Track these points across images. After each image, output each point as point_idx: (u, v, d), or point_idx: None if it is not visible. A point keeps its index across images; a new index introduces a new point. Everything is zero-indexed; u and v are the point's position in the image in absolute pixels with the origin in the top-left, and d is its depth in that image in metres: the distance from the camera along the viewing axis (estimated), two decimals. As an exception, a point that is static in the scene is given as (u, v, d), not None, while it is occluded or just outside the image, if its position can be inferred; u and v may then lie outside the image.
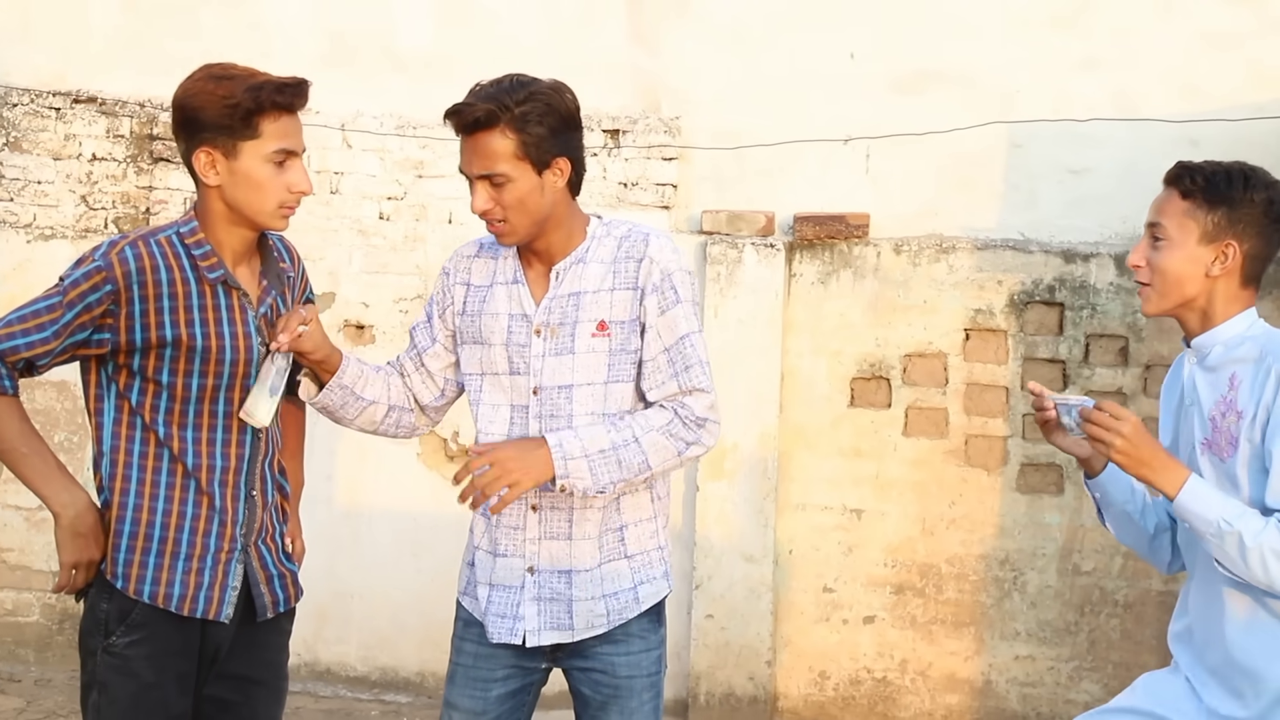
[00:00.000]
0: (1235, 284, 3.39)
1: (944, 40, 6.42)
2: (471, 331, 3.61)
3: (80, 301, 3.29)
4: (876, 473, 6.45)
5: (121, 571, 3.39)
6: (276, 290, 3.58)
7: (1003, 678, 6.39)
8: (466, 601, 3.70)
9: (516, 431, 3.55)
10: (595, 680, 3.62)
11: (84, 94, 6.91)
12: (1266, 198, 3.37)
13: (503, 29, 6.67)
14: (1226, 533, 3.21)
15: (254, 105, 3.32)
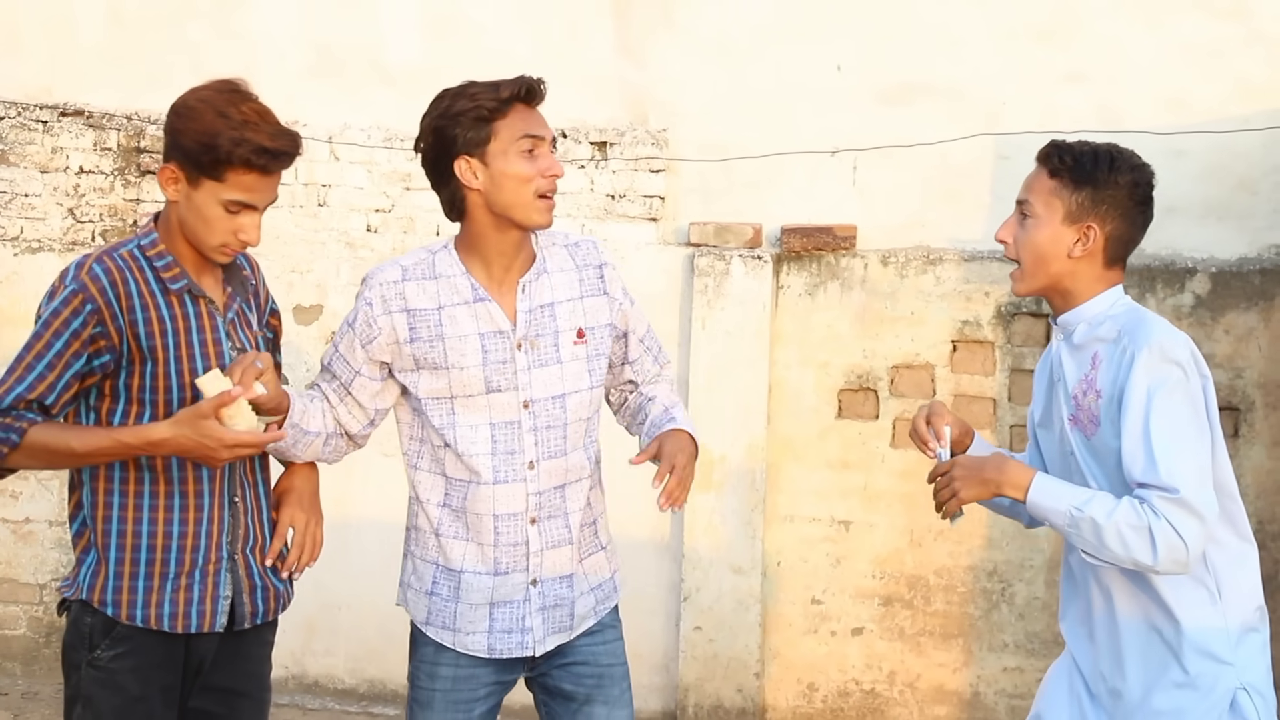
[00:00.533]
0: (1099, 265, 3.43)
1: (931, 53, 6.44)
2: (432, 357, 3.53)
3: (66, 329, 3.27)
4: (864, 484, 6.46)
5: (111, 599, 3.38)
6: (241, 297, 3.56)
7: (991, 689, 6.40)
8: (437, 634, 3.64)
9: (502, 449, 3.53)
10: (578, 674, 3.66)
11: (71, 107, 6.91)
12: (1131, 180, 3.41)
13: (490, 41, 6.68)
14: (1079, 519, 3.26)
15: (226, 157, 3.28)
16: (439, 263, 3.56)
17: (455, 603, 3.60)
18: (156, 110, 6.82)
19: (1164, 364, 3.26)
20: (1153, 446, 3.23)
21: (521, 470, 3.55)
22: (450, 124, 3.47)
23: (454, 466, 3.57)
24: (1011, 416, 6.31)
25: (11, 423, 3.26)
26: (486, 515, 3.55)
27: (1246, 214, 6.19)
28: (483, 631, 3.59)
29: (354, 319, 3.55)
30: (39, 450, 3.28)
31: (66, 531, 6.89)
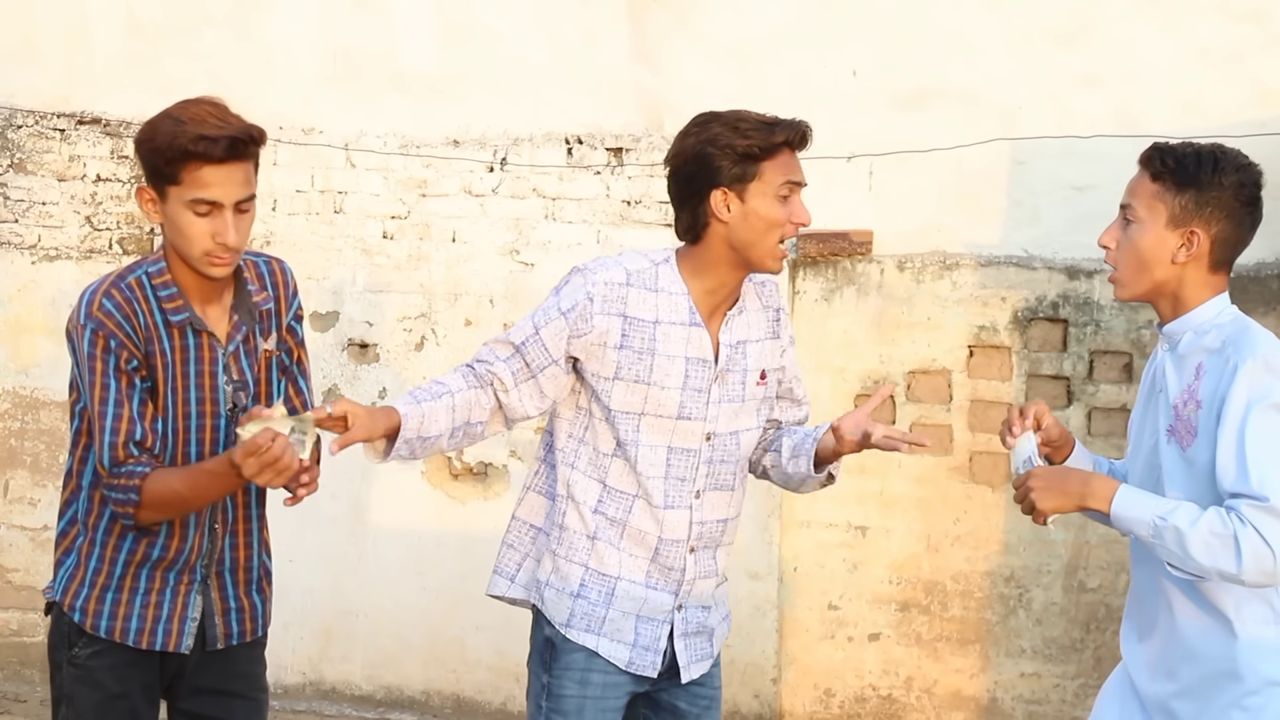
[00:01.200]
0: (1204, 269, 3.36)
1: (946, 57, 6.43)
2: (637, 369, 3.48)
3: (108, 366, 3.28)
4: (881, 489, 6.45)
5: (80, 606, 3.42)
6: (248, 325, 3.50)
7: (1008, 695, 6.38)
8: (579, 636, 3.58)
9: (674, 474, 3.53)
10: (694, 694, 3.69)
11: (88, 115, 6.94)
12: (1237, 180, 3.36)
13: (506, 48, 6.69)
14: (1163, 528, 3.21)
15: (170, 152, 3.25)
16: (661, 276, 3.52)
17: (606, 608, 3.56)
18: (173, 118, 6.83)
19: (1267, 375, 3.21)
20: (1246, 456, 3.18)
21: (688, 498, 3.56)
22: (718, 153, 3.45)
23: (619, 478, 3.55)
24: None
25: (125, 482, 3.27)
26: (651, 535, 3.56)
27: (1265, 219, 6.14)
28: (627, 643, 3.57)
29: (569, 309, 3.47)
30: (158, 503, 3.29)
31: (84, 538, 6.92)
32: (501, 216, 6.64)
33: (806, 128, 3.51)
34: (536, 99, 6.65)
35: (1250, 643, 3.29)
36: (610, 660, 3.56)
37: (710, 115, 3.54)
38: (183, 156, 3.24)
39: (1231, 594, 3.29)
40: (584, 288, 3.47)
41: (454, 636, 6.73)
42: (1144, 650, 3.49)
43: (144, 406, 3.31)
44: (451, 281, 6.67)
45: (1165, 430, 3.39)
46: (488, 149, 6.64)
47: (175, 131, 3.25)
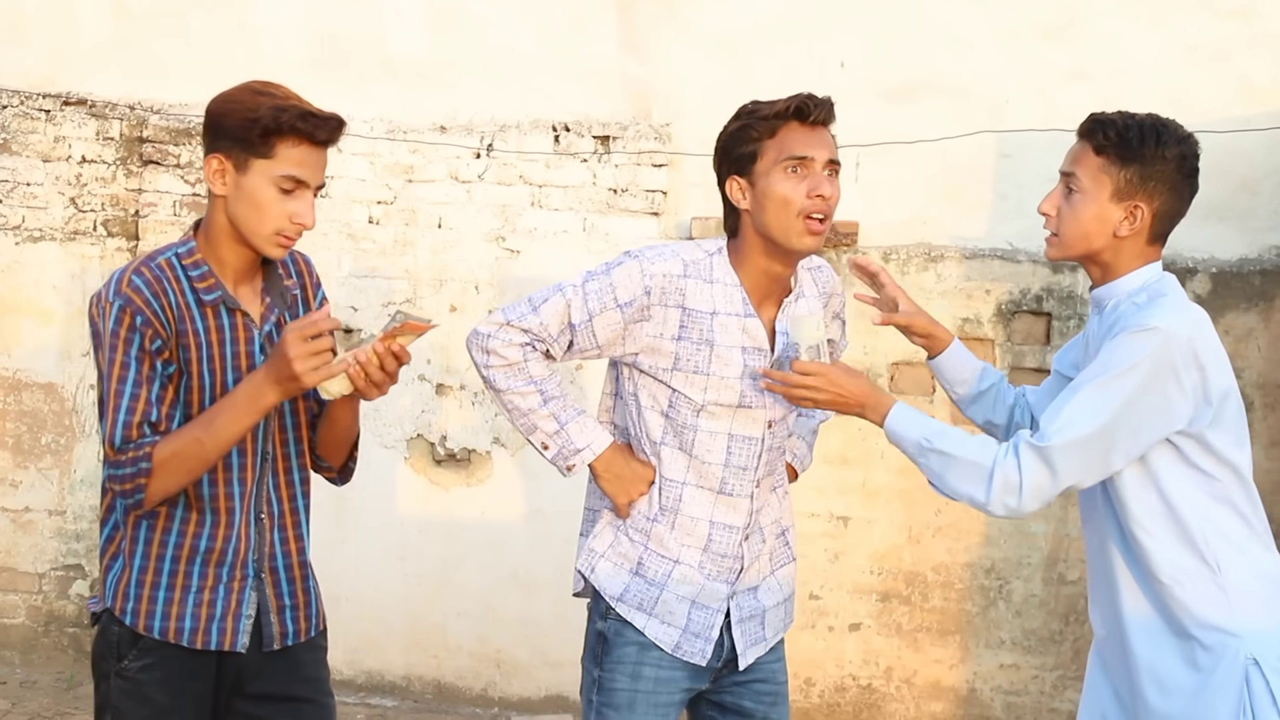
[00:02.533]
0: (1142, 241, 3.39)
1: (934, 50, 6.44)
2: (696, 360, 3.45)
3: (131, 346, 3.19)
4: (864, 481, 6.47)
5: (131, 608, 3.30)
6: (280, 308, 3.44)
7: (987, 686, 6.41)
8: (629, 612, 3.55)
9: (735, 462, 3.51)
10: (758, 691, 3.63)
11: (74, 96, 6.91)
12: (1179, 153, 3.36)
13: (494, 36, 6.69)
14: (928, 450, 3.30)
15: (273, 125, 3.19)
16: (715, 266, 3.48)
17: (661, 589, 3.53)
18: (159, 100, 6.83)
19: (1140, 332, 3.23)
20: (1066, 393, 3.26)
21: (749, 487, 3.53)
22: (728, 142, 3.46)
23: (670, 466, 3.52)
24: (1011, 414, 6.32)
25: (133, 455, 3.17)
26: (703, 521, 3.52)
27: (1247, 214, 6.20)
28: (678, 627, 3.53)
29: (627, 303, 3.43)
30: (172, 462, 3.18)
31: (65, 521, 6.91)
32: (488, 203, 6.64)
33: (806, 99, 3.44)
34: (524, 86, 6.65)
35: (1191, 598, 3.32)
36: (657, 642, 3.52)
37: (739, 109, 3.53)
38: (289, 131, 3.21)
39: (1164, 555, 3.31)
40: (642, 281, 3.43)
41: (435, 622, 6.74)
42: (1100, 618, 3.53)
43: (163, 391, 3.22)
44: (437, 267, 6.67)
45: None
46: (475, 135, 6.64)
47: (281, 106, 3.21)
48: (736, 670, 3.61)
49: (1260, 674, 3.28)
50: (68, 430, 6.92)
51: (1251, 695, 3.28)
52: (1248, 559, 3.36)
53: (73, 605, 6.96)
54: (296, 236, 3.31)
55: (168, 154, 6.74)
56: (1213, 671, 3.30)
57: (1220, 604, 3.32)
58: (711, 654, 3.56)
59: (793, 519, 3.74)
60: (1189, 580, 3.33)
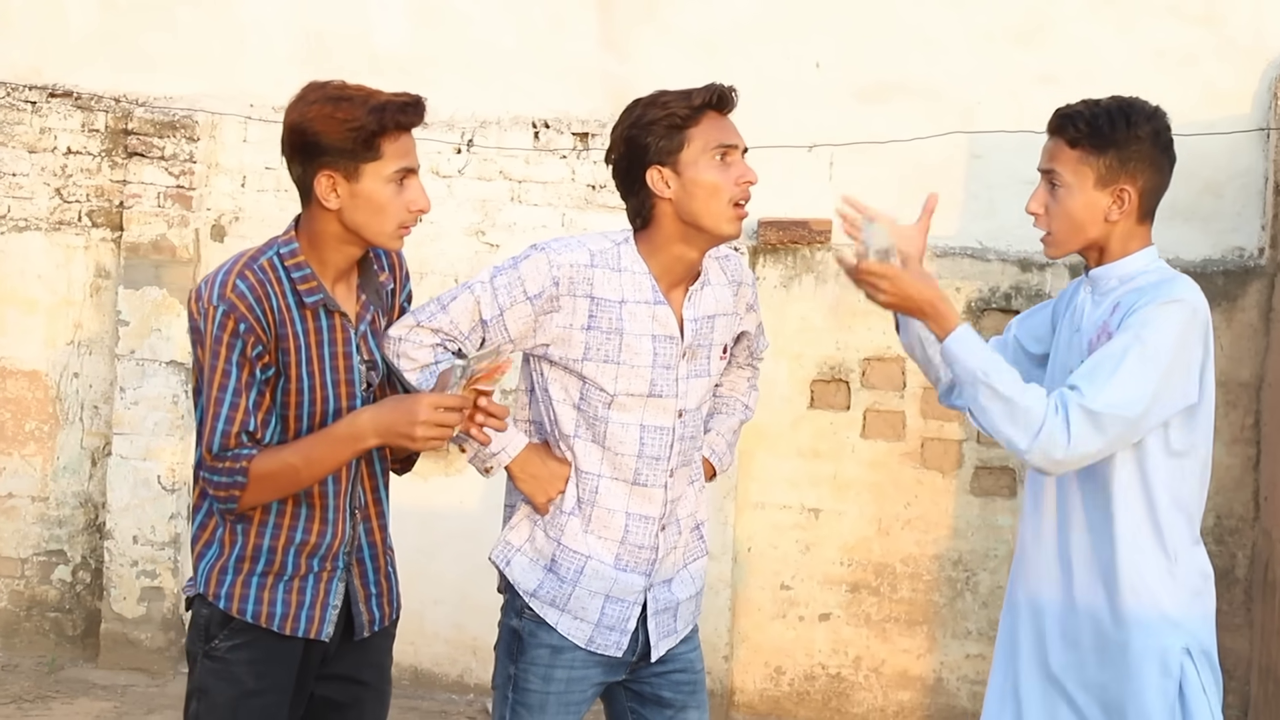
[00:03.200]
0: (1133, 221, 3.42)
1: (907, 52, 6.56)
2: (606, 349, 3.46)
3: (233, 353, 3.21)
4: (834, 473, 6.59)
5: (225, 592, 3.32)
6: (375, 306, 3.47)
7: (954, 675, 6.53)
8: (542, 609, 3.56)
9: (648, 453, 3.52)
10: (676, 681, 3.66)
11: (60, 88, 6.99)
12: (1151, 129, 3.41)
13: (476, 33, 6.79)
14: (982, 382, 3.28)
15: (377, 127, 3.22)
16: (623, 255, 3.49)
17: (575, 586, 3.53)
18: (145, 93, 6.90)
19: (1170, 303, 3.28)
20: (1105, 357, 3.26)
21: (663, 477, 3.55)
22: (642, 133, 3.44)
23: (584, 459, 3.53)
24: (979, 410, 6.44)
25: (231, 465, 3.21)
26: (619, 513, 3.54)
27: (1211, 216, 6.33)
28: (590, 622, 3.54)
29: (535, 295, 3.44)
30: (266, 481, 3.23)
31: (48, 507, 6.99)
32: (468, 198, 6.73)
33: (725, 89, 3.48)
34: (505, 83, 6.75)
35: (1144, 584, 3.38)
36: (569, 638, 3.53)
37: (633, 102, 3.51)
38: (391, 128, 3.25)
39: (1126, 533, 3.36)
40: (550, 272, 3.44)
41: (412, 610, 6.76)
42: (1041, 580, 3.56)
43: (261, 398, 3.25)
44: (418, 260, 6.75)
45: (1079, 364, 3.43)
46: (456, 131, 6.73)
47: (376, 106, 3.23)
48: (651, 661, 3.64)
49: (1193, 664, 3.37)
50: (51, 417, 7.00)
51: (1185, 683, 3.36)
52: (1195, 552, 3.44)
53: (54, 590, 7.04)
54: (416, 221, 3.34)
55: (152, 146, 6.82)
56: (1149, 657, 3.37)
57: (1170, 593, 3.39)
58: (627, 646, 3.58)
59: (708, 514, 3.76)
60: (1146, 565, 3.38)
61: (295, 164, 3.31)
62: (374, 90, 3.28)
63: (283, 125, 3.34)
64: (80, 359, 6.98)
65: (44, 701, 6.39)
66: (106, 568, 6.81)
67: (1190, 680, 3.37)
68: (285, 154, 3.33)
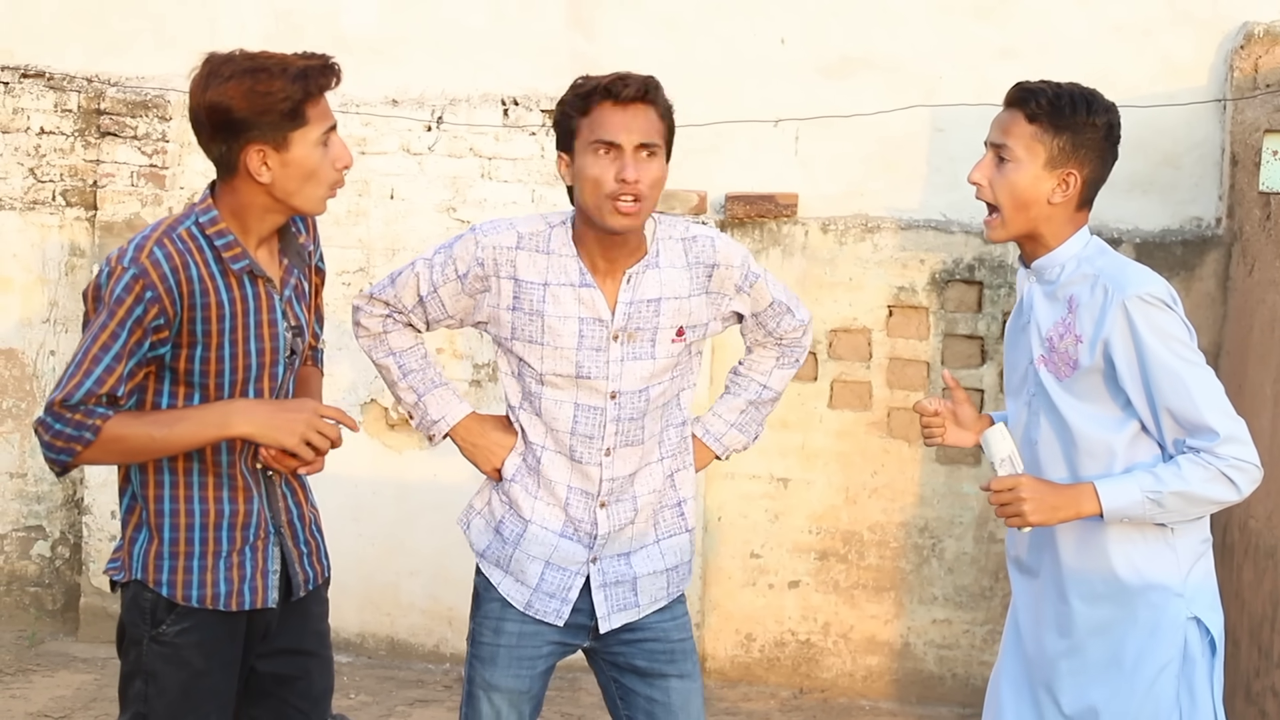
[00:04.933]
0: (1071, 208, 3.46)
1: (871, 27, 6.64)
2: (529, 330, 3.52)
3: (129, 317, 3.16)
4: (803, 443, 6.69)
5: (166, 579, 3.33)
6: (298, 269, 3.47)
7: (920, 640, 6.65)
8: (488, 569, 3.66)
9: (581, 430, 3.55)
10: (650, 650, 3.69)
11: (32, 69, 7.02)
12: (1107, 121, 3.43)
13: (445, 12, 6.85)
14: (1161, 498, 3.32)
15: (303, 95, 3.23)
16: (554, 239, 3.51)
17: (515, 548, 3.61)
18: (117, 73, 6.95)
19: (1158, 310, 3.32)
20: (1191, 391, 3.31)
21: (598, 455, 3.57)
22: (557, 118, 3.49)
23: (530, 428, 3.60)
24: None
25: (84, 419, 3.15)
26: (561, 484, 3.60)
27: (1170, 187, 6.44)
28: (529, 586, 3.61)
29: (464, 274, 3.54)
30: (115, 443, 3.19)
31: (26, 484, 7.05)
32: (439, 174, 6.79)
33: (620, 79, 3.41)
34: (474, 61, 6.81)
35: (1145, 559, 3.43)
36: (509, 599, 3.61)
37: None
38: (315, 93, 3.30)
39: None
40: (475, 253, 3.52)
41: (389, 581, 6.92)
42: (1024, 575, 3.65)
43: (137, 369, 3.20)
44: (390, 237, 6.83)
45: (1037, 358, 3.49)
46: (425, 109, 6.79)
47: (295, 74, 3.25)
48: (614, 630, 3.68)
49: (1198, 631, 3.42)
50: (28, 395, 7.06)
51: (1188, 651, 3.41)
52: (1196, 522, 3.47)
53: (34, 565, 7.11)
54: (341, 177, 3.37)
55: (125, 126, 6.86)
56: (1155, 628, 3.41)
57: (1169, 563, 3.43)
58: (569, 614, 3.63)
59: (692, 492, 3.76)
60: (1142, 537, 3.42)
61: (217, 142, 3.26)
62: (282, 55, 3.27)
63: (191, 107, 3.28)
64: (56, 337, 7.04)
65: (25, 675, 6.45)
66: (85, 542, 6.88)
67: (1193, 647, 3.42)
68: (204, 133, 3.27)
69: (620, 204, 3.38)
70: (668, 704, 3.68)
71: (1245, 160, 6.15)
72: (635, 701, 3.71)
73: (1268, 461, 3.71)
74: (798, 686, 6.74)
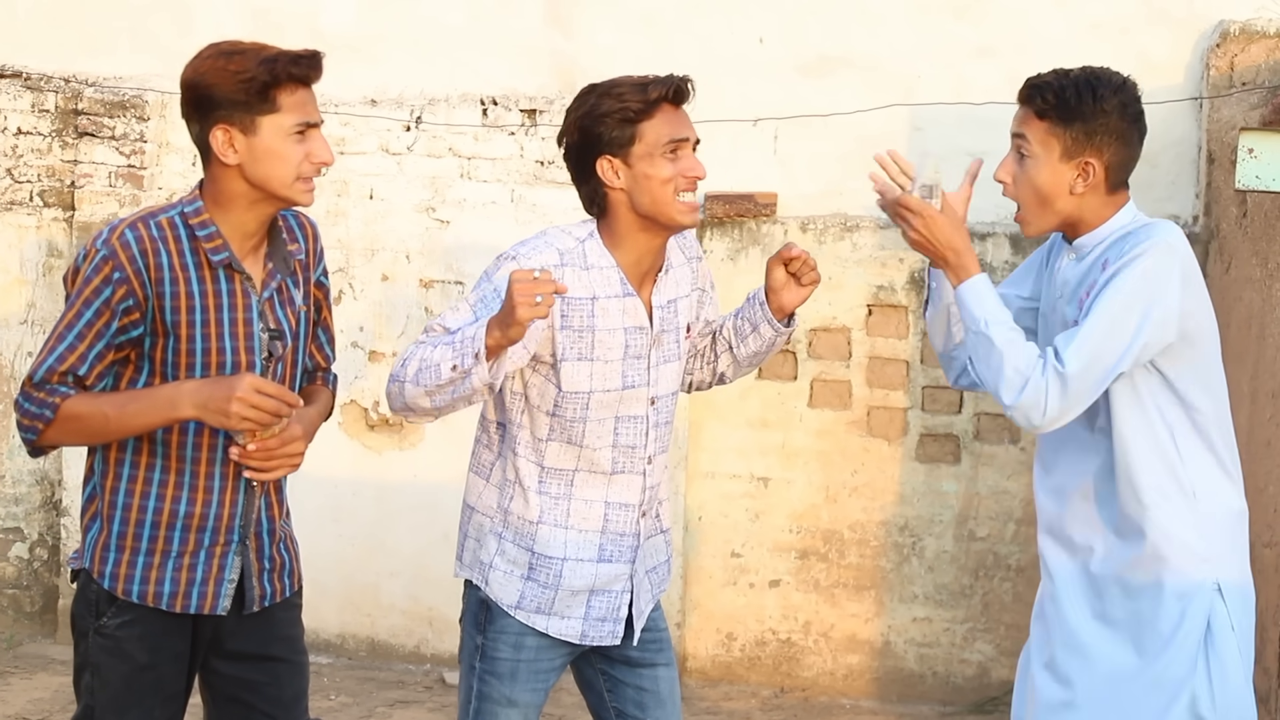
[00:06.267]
0: (1103, 193, 3.44)
1: (848, 26, 6.65)
2: (580, 347, 3.46)
3: (96, 298, 3.17)
4: (783, 442, 6.69)
5: (110, 571, 3.30)
6: (283, 273, 3.44)
7: (901, 639, 6.66)
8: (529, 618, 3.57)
9: (624, 442, 3.55)
10: (643, 640, 3.69)
11: (9, 69, 7.00)
12: (1119, 102, 3.44)
13: (424, 10, 6.84)
14: (982, 332, 3.36)
15: (269, 78, 3.21)
16: (589, 252, 3.49)
17: (555, 590, 3.56)
18: (94, 73, 6.92)
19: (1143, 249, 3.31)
20: (1084, 322, 3.31)
21: (640, 464, 3.58)
22: (595, 123, 3.44)
23: (556, 457, 3.53)
24: (924, 378, 6.56)
25: (45, 397, 3.17)
26: (598, 503, 3.57)
27: (1147, 185, 6.41)
28: (578, 618, 3.59)
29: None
30: (73, 422, 3.18)
31: (4, 485, 7.03)
32: (418, 174, 6.78)
33: (681, 81, 3.47)
34: (452, 61, 6.80)
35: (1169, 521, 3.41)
36: (563, 639, 3.59)
37: (589, 87, 3.53)
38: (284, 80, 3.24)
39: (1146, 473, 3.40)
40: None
41: (369, 582, 6.91)
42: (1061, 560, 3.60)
43: (105, 351, 3.20)
44: (369, 237, 6.82)
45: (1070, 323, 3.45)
46: (404, 109, 6.78)
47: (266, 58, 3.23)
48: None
49: (1222, 600, 3.40)
50: (6, 396, 7.04)
51: (1214, 618, 3.39)
52: (1222, 494, 3.47)
53: (12, 567, 7.08)
54: (318, 174, 3.36)
55: (103, 126, 6.85)
56: (1181, 595, 3.40)
57: (1194, 528, 3.41)
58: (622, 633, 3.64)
59: (668, 492, 3.79)
60: (1166, 501, 3.40)
61: (193, 121, 3.29)
62: (268, 45, 3.28)
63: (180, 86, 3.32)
64: (34, 338, 7.01)
65: (3, 677, 6.44)
66: (63, 544, 6.86)
67: (1219, 617, 3.40)
68: (183, 114, 3.31)
69: (687, 201, 3.47)
70: (656, 692, 3.71)
71: (1221, 158, 6.17)
72: (624, 692, 3.71)
73: (1244, 458, 3.69)
74: (779, 686, 6.74)
